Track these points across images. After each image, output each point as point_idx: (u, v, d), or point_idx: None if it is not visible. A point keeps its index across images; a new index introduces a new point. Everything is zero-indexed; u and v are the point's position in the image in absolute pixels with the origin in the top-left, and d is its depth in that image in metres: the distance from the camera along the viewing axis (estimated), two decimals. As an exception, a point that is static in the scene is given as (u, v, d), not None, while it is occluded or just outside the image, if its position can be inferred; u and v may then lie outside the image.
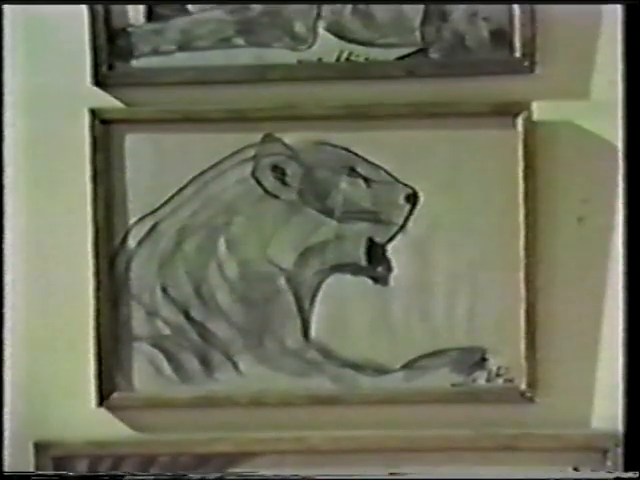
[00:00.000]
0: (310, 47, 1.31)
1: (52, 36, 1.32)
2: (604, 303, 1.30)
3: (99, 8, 1.29)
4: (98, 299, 1.30)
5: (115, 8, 1.30)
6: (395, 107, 1.29)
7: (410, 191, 1.30)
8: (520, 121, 1.28)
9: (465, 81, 1.30)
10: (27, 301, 1.33)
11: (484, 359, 1.30)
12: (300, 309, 1.31)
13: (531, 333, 1.28)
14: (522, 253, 1.28)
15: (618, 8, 1.28)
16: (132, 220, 1.31)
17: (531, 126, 1.28)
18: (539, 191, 1.28)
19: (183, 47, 1.31)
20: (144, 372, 1.32)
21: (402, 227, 1.30)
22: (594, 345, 1.30)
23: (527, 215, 1.28)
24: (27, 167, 1.32)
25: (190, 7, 1.31)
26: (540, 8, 1.28)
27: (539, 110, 1.28)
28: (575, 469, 1.29)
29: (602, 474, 1.28)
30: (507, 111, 1.28)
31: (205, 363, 1.32)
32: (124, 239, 1.31)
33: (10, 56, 1.32)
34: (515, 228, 1.28)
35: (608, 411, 1.30)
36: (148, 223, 1.31)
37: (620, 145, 1.29)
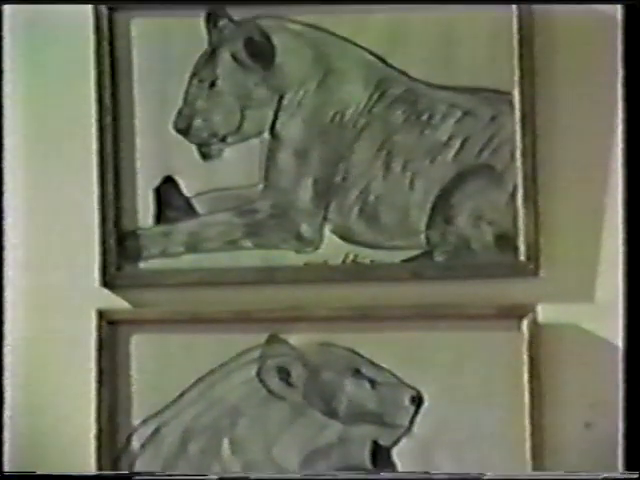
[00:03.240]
0: (316, 249, 1.32)
1: (60, 231, 1.33)
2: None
3: (110, 210, 1.31)
4: (100, 503, 1.29)
5: (125, 210, 1.32)
6: (400, 309, 1.30)
7: (415, 393, 1.30)
8: (525, 324, 1.28)
9: (470, 284, 1.31)
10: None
11: None
12: (304, 515, 1.30)
13: None
14: (528, 459, 1.27)
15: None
16: (136, 422, 1.31)
17: (536, 329, 1.28)
18: (545, 395, 1.28)
19: (191, 249, 1.33)
20: None
21: (407, 430, 1.30)
22: None
23: (533, 420, 1.27)
24: (32, 366, 1.32)
25: (199, 209, 1.33)
26: (543, 214, 1.30)
27: (544, 313, 1.29)
28: None
29: (602, 474, 1.24)
30: (512, 314, 1.29)
31: None
32: (128, 441, 1.31)
33: (13, 254, 1.34)
34: (521, 432, 1.27)
35: None
36: (152, 425, 1.31)
37: (621, 345, 1.29)
